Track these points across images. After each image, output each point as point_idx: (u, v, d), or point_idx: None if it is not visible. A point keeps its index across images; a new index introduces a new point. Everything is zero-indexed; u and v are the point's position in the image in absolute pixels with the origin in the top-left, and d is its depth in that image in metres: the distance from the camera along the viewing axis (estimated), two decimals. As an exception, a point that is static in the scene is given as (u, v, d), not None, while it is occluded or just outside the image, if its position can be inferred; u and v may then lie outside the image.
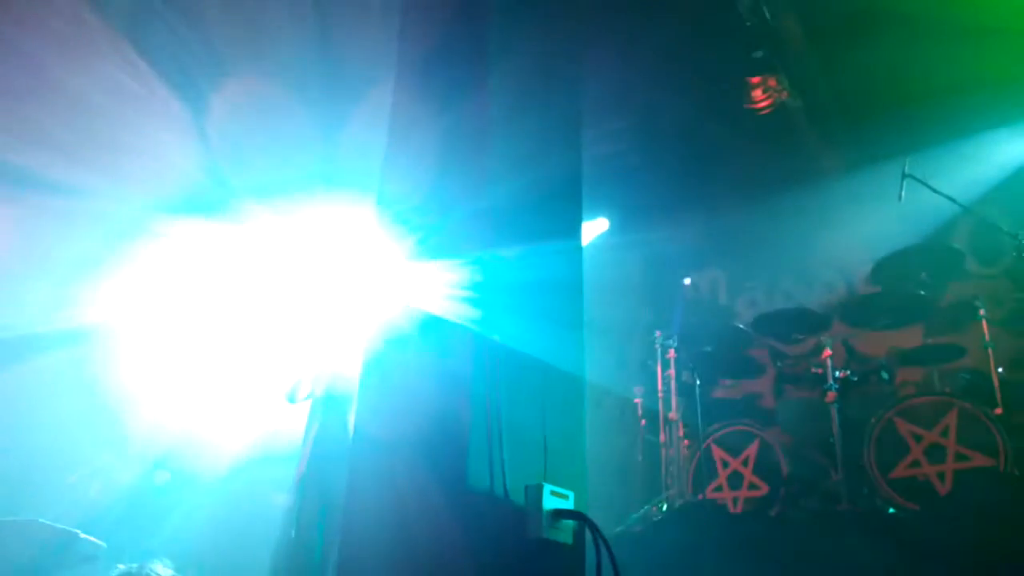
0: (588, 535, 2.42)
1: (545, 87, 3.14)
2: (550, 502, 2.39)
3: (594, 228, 7.92)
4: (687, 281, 7.09)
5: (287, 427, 5.75)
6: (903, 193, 5.42)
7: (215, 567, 5.27)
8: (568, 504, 2.45)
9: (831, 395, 5.34)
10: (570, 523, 2.45)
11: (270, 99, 6.21)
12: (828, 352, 5.47)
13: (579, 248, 3.04)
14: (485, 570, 2.18)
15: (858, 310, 5.78)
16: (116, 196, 5.97)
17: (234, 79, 6.12)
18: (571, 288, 2.93)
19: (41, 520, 4.54)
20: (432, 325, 2.50)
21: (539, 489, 2.37)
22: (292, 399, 5.35)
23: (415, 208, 2.74)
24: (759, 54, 5.92)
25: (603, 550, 2.36)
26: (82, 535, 4.54)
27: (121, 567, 4.47)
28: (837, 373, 5.41)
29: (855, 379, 5.41)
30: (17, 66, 5.40)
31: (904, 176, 5.44)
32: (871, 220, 6.36)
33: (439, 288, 2.55)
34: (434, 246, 2.61)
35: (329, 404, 5.31)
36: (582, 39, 3.66)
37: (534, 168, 2.87)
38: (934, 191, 5.34)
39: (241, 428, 6.27)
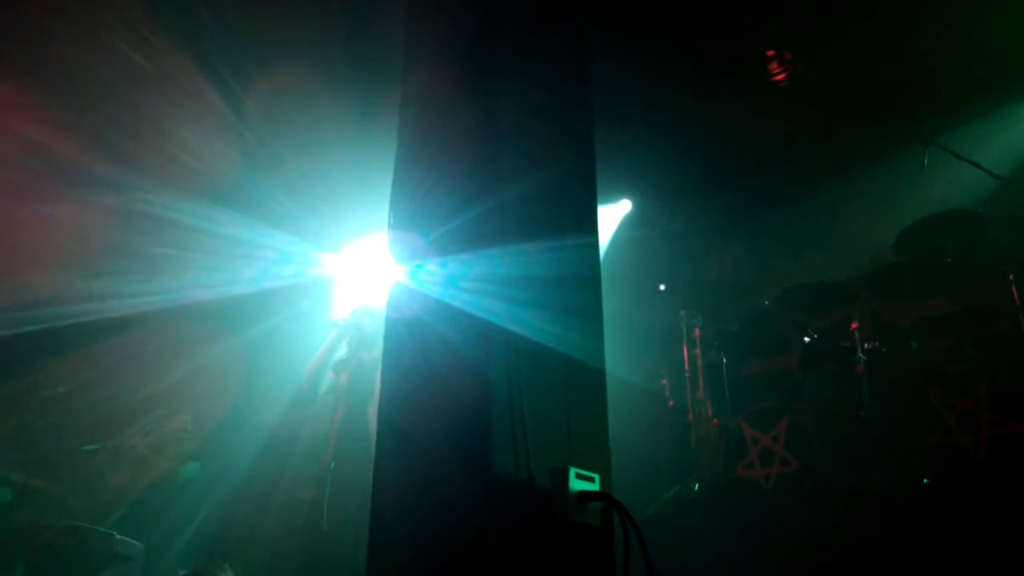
0: (617, 517, 2.42)
1: (556, 75, 3.13)
2: (576, 484, 2.38)
3: (617, 211, 7.92)
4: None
5: (310, 422, 5.84)
6: (926, 161, 5.35)
7: (245, 562, 5.35)
8: (594, 486, 2.45)
9: (860, 368, 5.30)
10: (597, 505, 2.45)
11: (304, 92, 6.26)
12: (855, 325, 5.43)
13: (596, 237, 3.02)
14: (513, 554, 2.19)
15: (884, 281, 5.70)
16: (154, 191, 6.08)
17: (269, 73, 6.16)
18: (589, 274, 2.92)
19: (80, 523, 4.65)
20: (451, 317, 2.50)
21: (564, 472, 2.37)
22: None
23: (429, 205, 2.75)
24: (772, 27, 5.86)
25: (631, 531, 2.36)
26: (118, 536, 4.63)
27: (182, 573, 4.57)
28: (865, 345, 5.37)
29: (884, 351, 5.36)
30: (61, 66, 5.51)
31: (927, 144, 5.37)
32: (894, 190, 6.29)
33: (457, 281, 2.55)
34: (451, 240, 2.61)
35: (351, 398, 5.40)
36: (593, 22, 3.63)
37: (549, 160, 2.86)
38: (957, 157, 5.26)
39: (266, 423, 6.36)
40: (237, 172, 6.57)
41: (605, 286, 2.96)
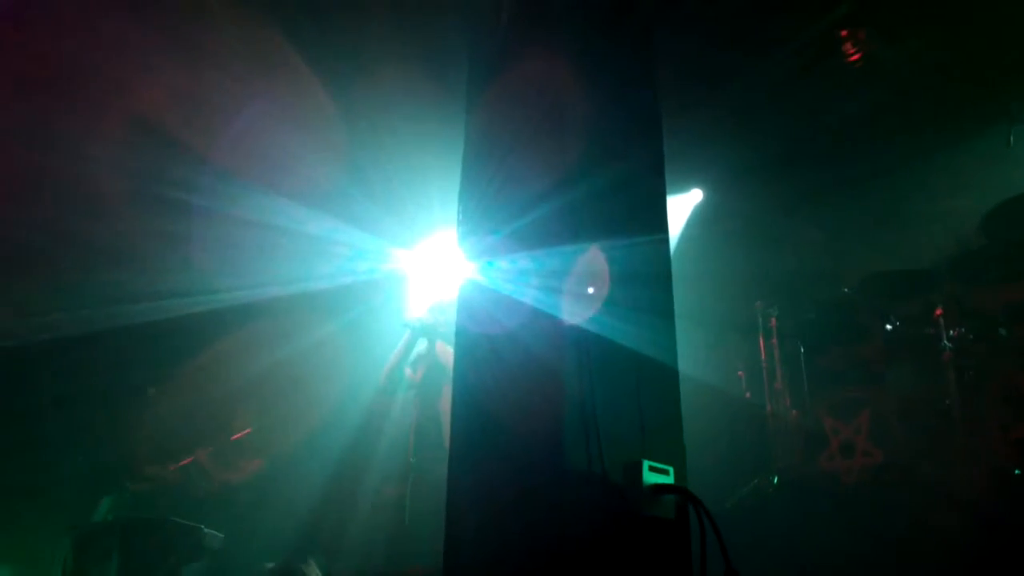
0: (693, 510, 2.40)
1: (624, 68, 3.10)
2: (650, 478, 2.38)
3: (688, 201, 7.81)
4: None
5: (391, 420, 5.95)
6: (1012, 139, 5.16)
7: (333, 557, 5.48)
8: (668, 479, 2.44)
9: (946, 355, 5.13)
10: (672, 498, 2.44)
11: (380, 91, 6.35)
12: (940, 311, 5.25)
13: (666, 233, 2.99)
14: (588, 548, 2.20)
15: (970, 265, 5.50)
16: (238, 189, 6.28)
17: (349, 74, 6.27)
18: (660, 271, 2.89)
19: (170, 517, 4.83)
20: (522, 314, 2.52)
21: (638, 466, 2.36)
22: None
23: (498, 201, 2.77)
24: (843, 8, 5.70)
25: (707, 524, 2.34)
26: (206, 530, 4.80)
27: (270, 565, 4.71)
28: (951, 332, 5.20)
29: (971, 338, 5.17)
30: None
31: (1012, 122, 5.17)
32: (978, 170, 6.05)
33: (527, 278, 2.56)
34: (520, 237, 2.63)
35: (425, 391, 5.48)
36: (660, 6, 3.59)
37: (618, 154, 2.84)
38: (1046, 133, 5.06)
39: (346, 421, 6.50)
40: (314, 170, 6.71)
41: (677, 279, 2.93)
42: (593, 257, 2.55)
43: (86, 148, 5.88)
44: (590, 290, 2.51)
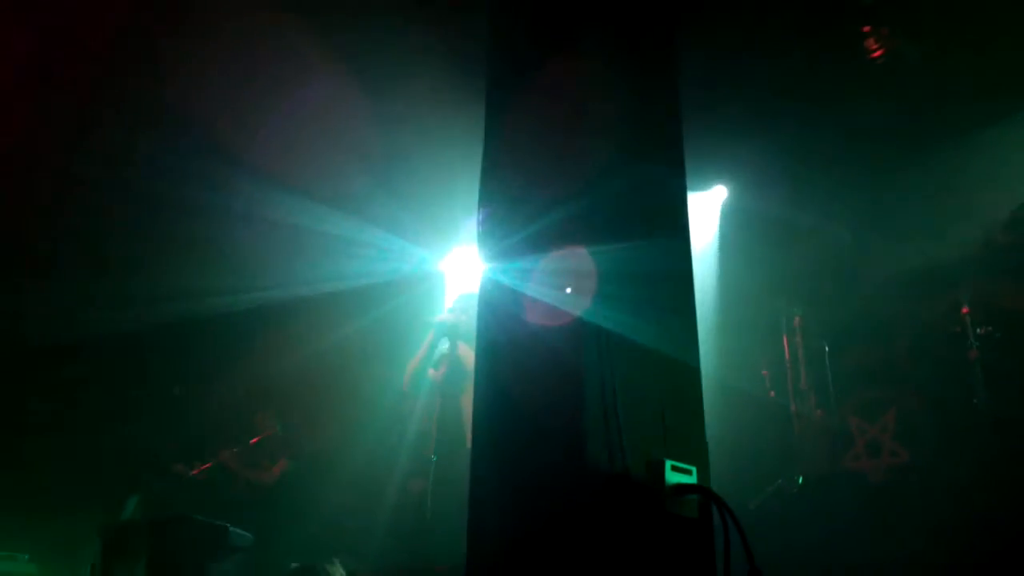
0: (716, 510, 2.39)
1: (644, 67, 3.09)
2: (672, 477, 2.37)
3: (711, 198, 7.78)
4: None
5: (415, 418, 5.98)
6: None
7: (359, 554, 5.51)
8: (691, 479, 2.43)
9: (973, 353, 5.08)
10: (695, 498, 2.43)
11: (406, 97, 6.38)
12: (966, 309, 5.21)
13: (687, 231, 2.97)
14: (610, 547, 2.20)
15: (997, 262, 5.46)
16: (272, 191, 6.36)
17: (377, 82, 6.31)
18: (680, 269, 2.87)
19: (195, 516, 4.88)
20: (542, 314, 2.52)
21: (660, 465, 2.36)
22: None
23: (518, 203, 2.77)
24: (868, 1, 5.65)
25: (730, 524, 2.33)
26: (231, 528, 4.83)
27: (294, 565, 4.75)
28: (978, 330, 5.15)
29: (998, 335, 5.13)
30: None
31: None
32: (1005, 167, 5.98)
33: (548, 279, 2.56)
34: (540, 238, 2.63)
35: (447, 390, 5.51)
36: (679, 6, 3.58)
37: (638, 154, 2.83)
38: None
39: (371, 421, 6.53)
40: (350, 177, 6.76)
41: (700, 277, 2.92)
42: (613, 256, 2.55)
43: (124, 152, 5.98)
44: (611, 290, 2.51)
